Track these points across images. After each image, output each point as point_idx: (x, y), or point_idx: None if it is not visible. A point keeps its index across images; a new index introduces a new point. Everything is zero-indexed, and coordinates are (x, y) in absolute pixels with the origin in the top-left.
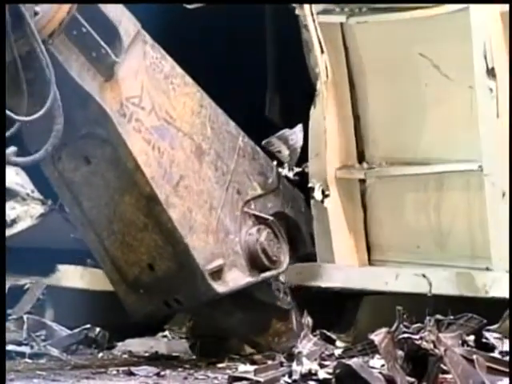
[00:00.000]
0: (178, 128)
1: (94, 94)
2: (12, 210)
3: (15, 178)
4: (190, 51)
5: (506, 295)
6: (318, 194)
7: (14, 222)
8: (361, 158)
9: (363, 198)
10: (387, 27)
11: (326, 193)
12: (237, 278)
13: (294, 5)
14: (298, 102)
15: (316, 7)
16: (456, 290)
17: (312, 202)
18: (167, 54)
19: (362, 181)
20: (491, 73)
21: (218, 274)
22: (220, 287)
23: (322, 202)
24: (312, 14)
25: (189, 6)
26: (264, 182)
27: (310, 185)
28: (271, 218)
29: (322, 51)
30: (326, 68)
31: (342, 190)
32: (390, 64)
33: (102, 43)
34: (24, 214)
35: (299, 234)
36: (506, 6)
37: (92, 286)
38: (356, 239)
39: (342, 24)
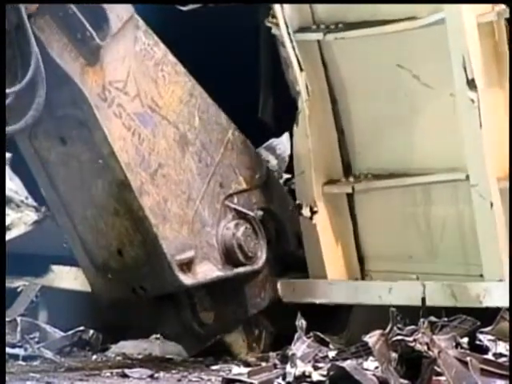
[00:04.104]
0: (162, 116)
1: (73, 75)
2: (6, 216)
3: (9, 184)
4: (184, 52)
5: (499, 304)
6: (306, 212)
7: (7, 228)
8: (346, 170)
9: (352, 211)
10: (365, 42)
11: (314, 209)
12: (207, 271)
13: (269, 24)
14: (291, 104)
15: (292, 26)
16: (450, 300)
17: (301, 218)
18: (161, 41)
19: (350, 194)
20: (472, 84)
21: (187, 265)
22: (187, 279)
23: (311, 218)
24: (289, 34)
25: (183, 8)
26: (251, 177)
27: (297, 202)
28: (251, 213)
29: (302, 69)
30: (307, 86)
31: (330, 205)
32: (370, 77)
33: (88, 26)
34: (18, 220)
35: (284, 233)
36: (483, 16)
37: (86, 287)
38: (347, 253)
39: (318, 41)
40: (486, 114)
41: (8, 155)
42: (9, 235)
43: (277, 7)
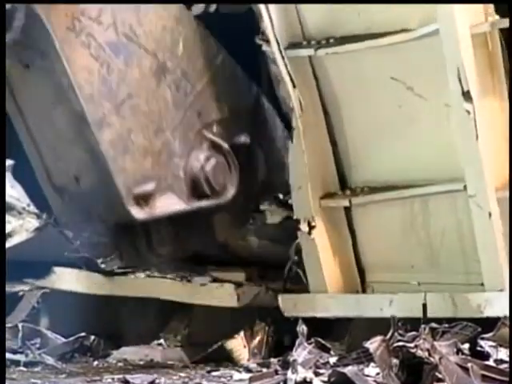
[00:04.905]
0: (139, 44)
1: (37, 8)
2: (7, 223)
3: (11, 191)
4: None
5: (500, 314)
6: (304, 227)
7: (8, 235)
8: (342, 182)
9: (350, 224)
10: (356, 56)
11: (312, 224)
12: (168, 204)
13: (260, 42)
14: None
15: (282, 42)
16: (451, 311)
17: (299, 233)
18: None
19: (347, 207)
20: (467, 95)
21: (145, 198)
22: (139, 213)
23: (309, 233)
24: (280, 51)
25: None
26: (235, 106)
27: (295, 217)
28: (226, 145)
29: (294, 86)
30: (300, 102)
31: (328, 219)
32: (363, 89)
33: None
34: (19, 227)
35: (269, 160)
36: (476, 27)
37: (88, 289)
38: (347, 266)
39: (310, 57)
40: (482, 125)
41: (9, 162)
42: (10, 242)
43: (266, 24)
